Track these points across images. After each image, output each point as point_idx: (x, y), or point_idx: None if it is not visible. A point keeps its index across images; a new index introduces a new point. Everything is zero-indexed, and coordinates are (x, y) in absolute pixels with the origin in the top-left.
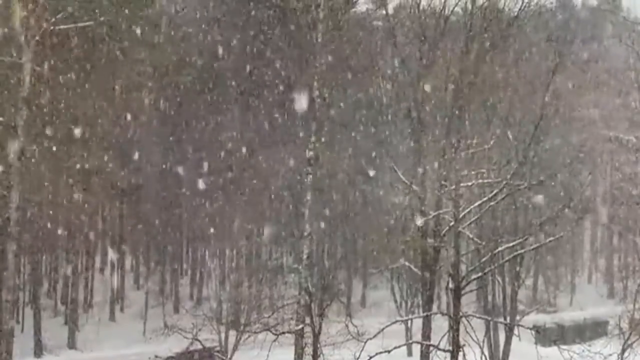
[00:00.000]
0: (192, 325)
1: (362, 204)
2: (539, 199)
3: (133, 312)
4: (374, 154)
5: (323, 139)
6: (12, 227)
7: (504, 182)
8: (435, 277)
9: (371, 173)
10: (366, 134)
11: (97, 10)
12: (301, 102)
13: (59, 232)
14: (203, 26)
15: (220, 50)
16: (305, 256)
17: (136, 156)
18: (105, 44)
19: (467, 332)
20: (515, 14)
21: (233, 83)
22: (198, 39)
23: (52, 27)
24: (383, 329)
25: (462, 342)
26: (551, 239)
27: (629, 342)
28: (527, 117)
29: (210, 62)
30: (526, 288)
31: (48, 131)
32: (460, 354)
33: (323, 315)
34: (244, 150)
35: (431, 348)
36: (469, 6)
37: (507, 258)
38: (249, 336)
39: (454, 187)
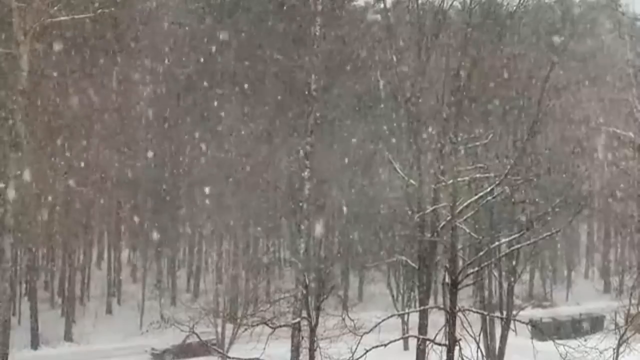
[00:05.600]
0: (189, 318)
1: (359, 197)
2: (536, 193)
3: (130, 305)
4: (371, 147)
5: (321, 133)
6: (8, 219)
7: (501, 177)
8: (431, 272)
9: (368, 167)
10: (363, 127)
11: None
12: (299, 96)
13: (56, 224)
14: (200, 19)
15: (218, 43)
16: (302, 249)
17: (133, 148)
18: (103, 35)
19: (463, 326)
20: (514, 8)
21: (230, 76)
22: (195, 31)
23: (49, 19)
24: (379, 323)
25: (458, 336)
26: (548, 233)
27: (625, 337)
28: (525, 112)
29: (208, 55)
30: (522, 283)
31: (45, 123)
32: (457, 348)
33: (320, 309)
34: (241, 143)
35: (427, 342)
36: (468, 0)
37: (503, 253)
38: (246, 329)
39: (451, 181)
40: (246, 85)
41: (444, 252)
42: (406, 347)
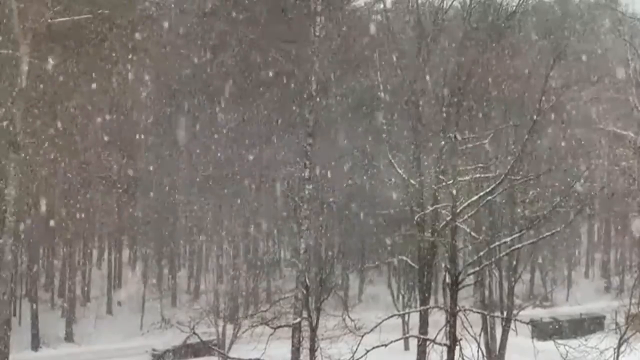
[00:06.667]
0: (190, 319)
1: (359, 198)
2: (536, 193)
3: (130, 305)
4: (371, 147)
5: (321, 133)
6: (9, 220)
7: (501, 176)
8: (432, 272)
9: (368, 166)
10: (364, 127)
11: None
12: (299, 96)
13: (56, 225)
14: (200, 19)
15: (217, 44)
16: (302, 250)
17: (134, 150)
18: (102, 37)
19: (464, 326)
20: (514, 8)
21: (230, 76)
22: (195, 31)
23: (49, 20)
24: (380, 323)
25: (459, 336)
26: (548, 233)
27: (625, 336)
28: (525, 111)
29: (208, 56)
30: (523, 283)
31: (45, 124)
32: (457, 348)
33: (320, 309)
34: (241, 143)
35: (428, 342)
36: (467, 0)
37: (504, 252)
38: (246, 330)
39: (451, 181)
40: (246, 85)
41: (444, 252)
42: (407, 347)
